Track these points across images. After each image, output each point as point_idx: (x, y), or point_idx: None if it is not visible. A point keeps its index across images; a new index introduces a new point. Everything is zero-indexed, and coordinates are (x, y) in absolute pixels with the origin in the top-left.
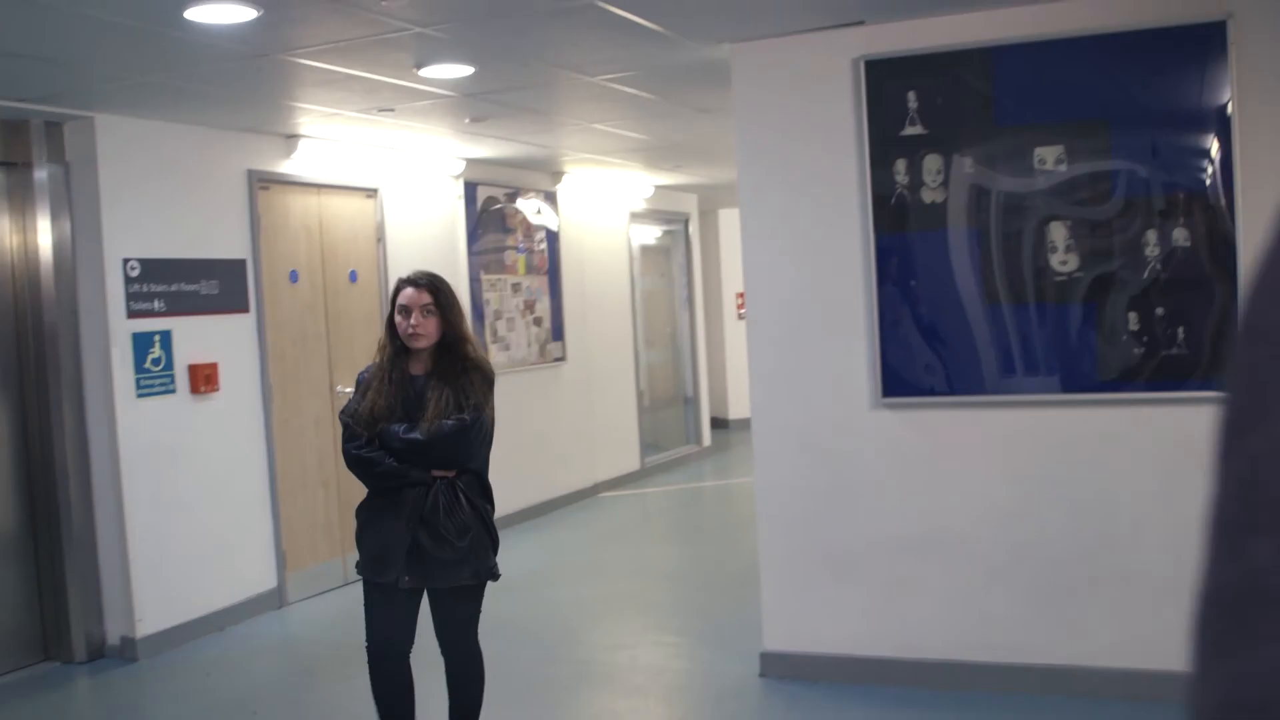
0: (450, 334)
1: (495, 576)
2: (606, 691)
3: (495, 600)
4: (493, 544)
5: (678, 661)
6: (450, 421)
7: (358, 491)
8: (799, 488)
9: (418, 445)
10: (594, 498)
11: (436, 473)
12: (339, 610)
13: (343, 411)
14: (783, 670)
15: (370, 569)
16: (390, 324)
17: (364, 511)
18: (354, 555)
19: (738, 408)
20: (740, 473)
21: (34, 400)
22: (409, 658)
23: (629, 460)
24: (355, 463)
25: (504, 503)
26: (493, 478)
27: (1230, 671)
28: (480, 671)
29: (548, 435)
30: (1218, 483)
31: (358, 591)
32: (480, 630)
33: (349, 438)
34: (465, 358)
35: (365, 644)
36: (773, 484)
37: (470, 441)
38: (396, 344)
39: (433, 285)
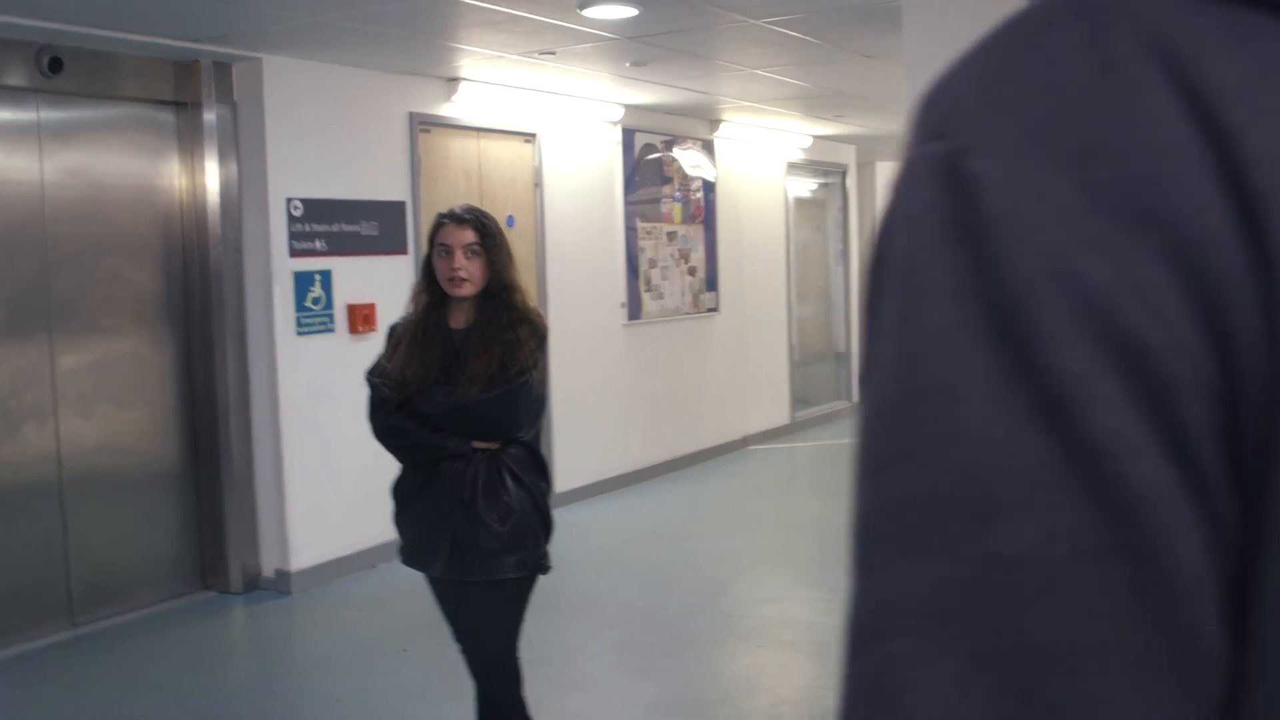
0: (497, 280)
1: (545, 569)
2: (755, 645)
3: (642, 550)
4: (545, 529)
5: (828, 618)
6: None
7: None
8: None
9: (454, 411)
10: (743, 450)
11: (478, 444)
12: None
13: (370, 371)
14: None
15: (411, 559)
16: (427, 268)
17: (399, 491)
18: None
19: None
20: None
21: (198, 337)
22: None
23: (779, 414)
24: (384, 432)
25: (652, 452)
26: (640, 427)
27: (850, 599)
28: (518, 684)
29: (698, 386)
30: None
31: None
32: (625, 580)
33: (378, 403)
34: (514, 309)
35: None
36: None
37: (517, 408)
38: (434, 291)
39: (479, 222)
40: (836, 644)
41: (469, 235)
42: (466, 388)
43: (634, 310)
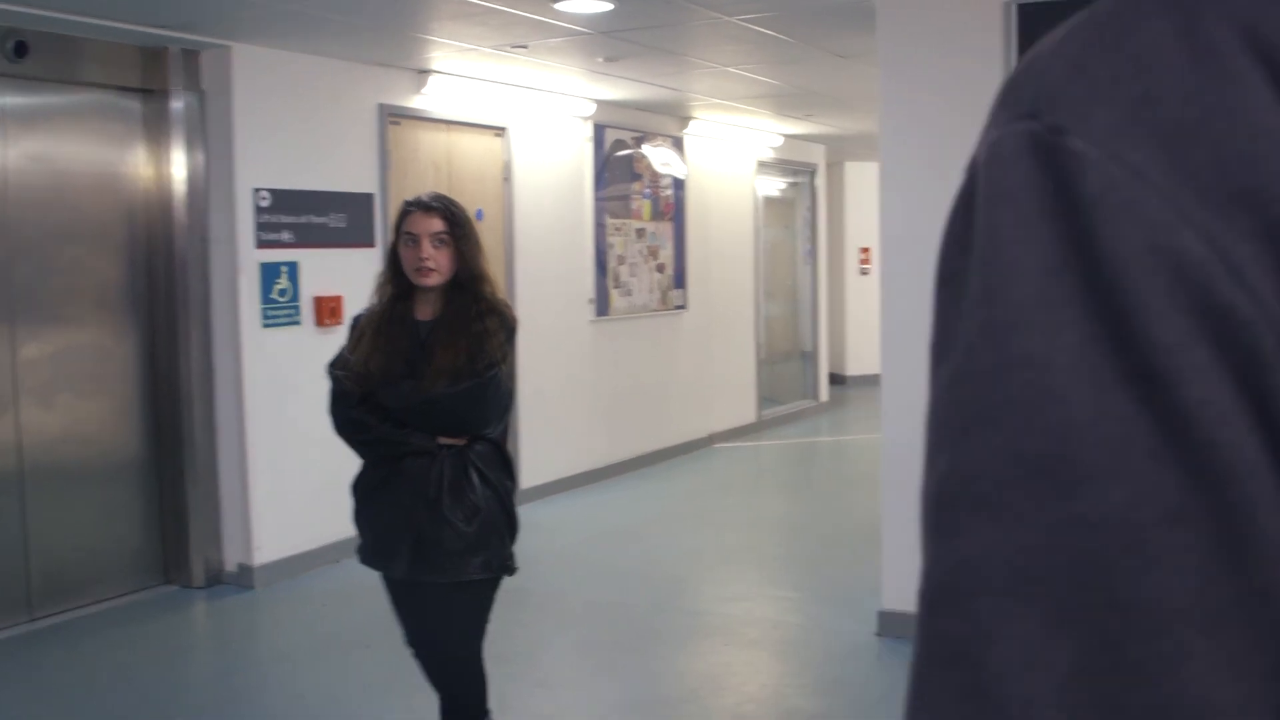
0: (466, 271)
1: (511, 570)
2: (721, 644)
3: (608, 547)
4: (510, 529)
5: (793, 617)
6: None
7: None
8: None
9: (420, 406)
10: (709, 448)
11: (444, 440)
12: None
13: (332, 363)
14: (901, 630)
15: (372, 559)
16: (393, 257)
17: (360, 488)
18: None
19: (857, 364)
20: (857, 429)
21: (162, 328)
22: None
23: (745, 412)
24: (346, 427)
25: (619, 449)
26: (606, 424)
27: (925, 563)
28: (482, 687)
29: (665, 383)
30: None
31: None
32: (591, 578)
33: (339, 396)
34: (482, 299)
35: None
36: (900, 441)
37: (485, 403)
38: (400, 282)
39: (447, 210)
40: (802, 642)
41: (437, 224)
42: (432, 381)
43: (602, 307)
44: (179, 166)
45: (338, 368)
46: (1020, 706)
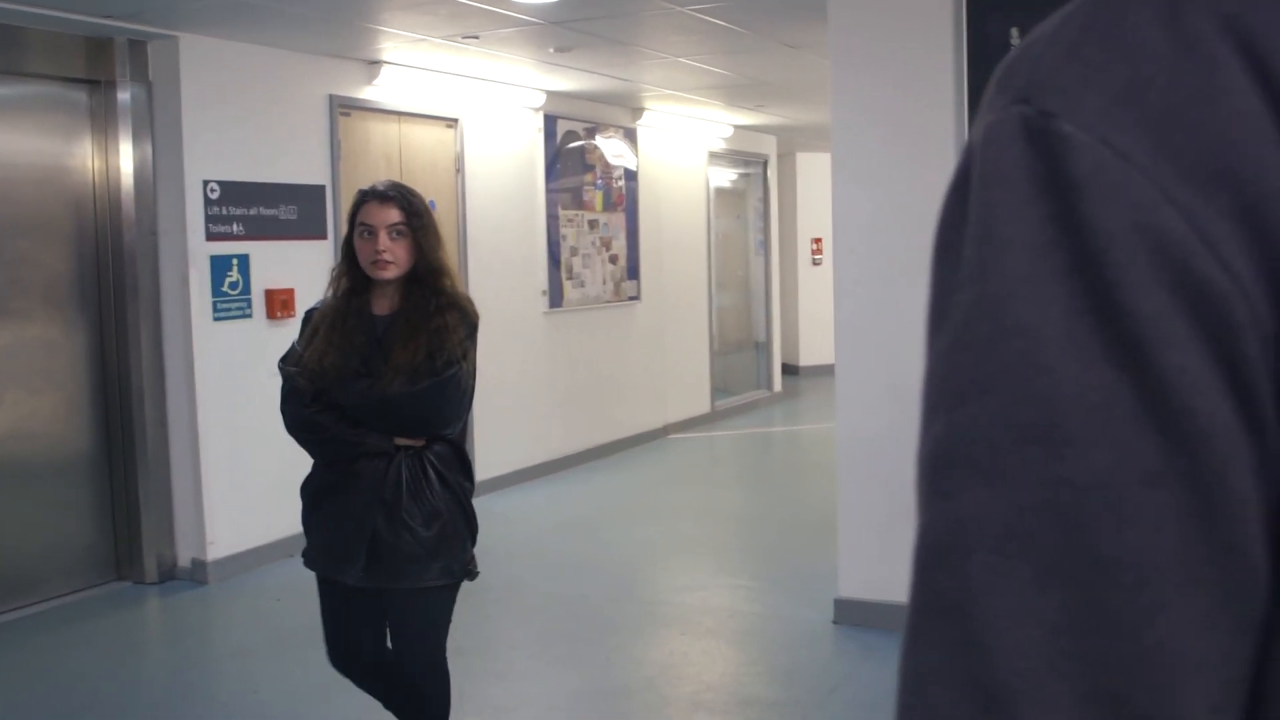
0: (424, 263)
1: (472, 575)
2: (677, 632)
3: (564, 539)
4: (470, 533)
5: (750, 605)
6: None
7: None
8: (882, 435)
9: (376, 405)
10: (663, 439)
11: (401, 441)
12: None
13: (283, 359)
14: (857, 617)
15: (322, 564)
16: (348, 249)
17: (310, 490)
18: None
19: (809, 354)
20: (811, 419)
21: (112, 321)
22: (384, 659)
23: (699, 403)
24: (298, 426)
25: (573, 441)
26: (561, 415)
27: (922, 522)
28: (445, 692)
29: (619, 374)
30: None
31: None
32: (547, 569)
33: (291, 393)
34: (442, 294)
35: (326, 655)
36: (855, 430)
37: (444, 402)
38: (355, 275)
39: (404, 199)
40: (758, 631)
41: (394, 214)
42: (390, 379)
43: (555, 298)
44: (127, 158)
45: (289, 363)
46: (1008, 656)
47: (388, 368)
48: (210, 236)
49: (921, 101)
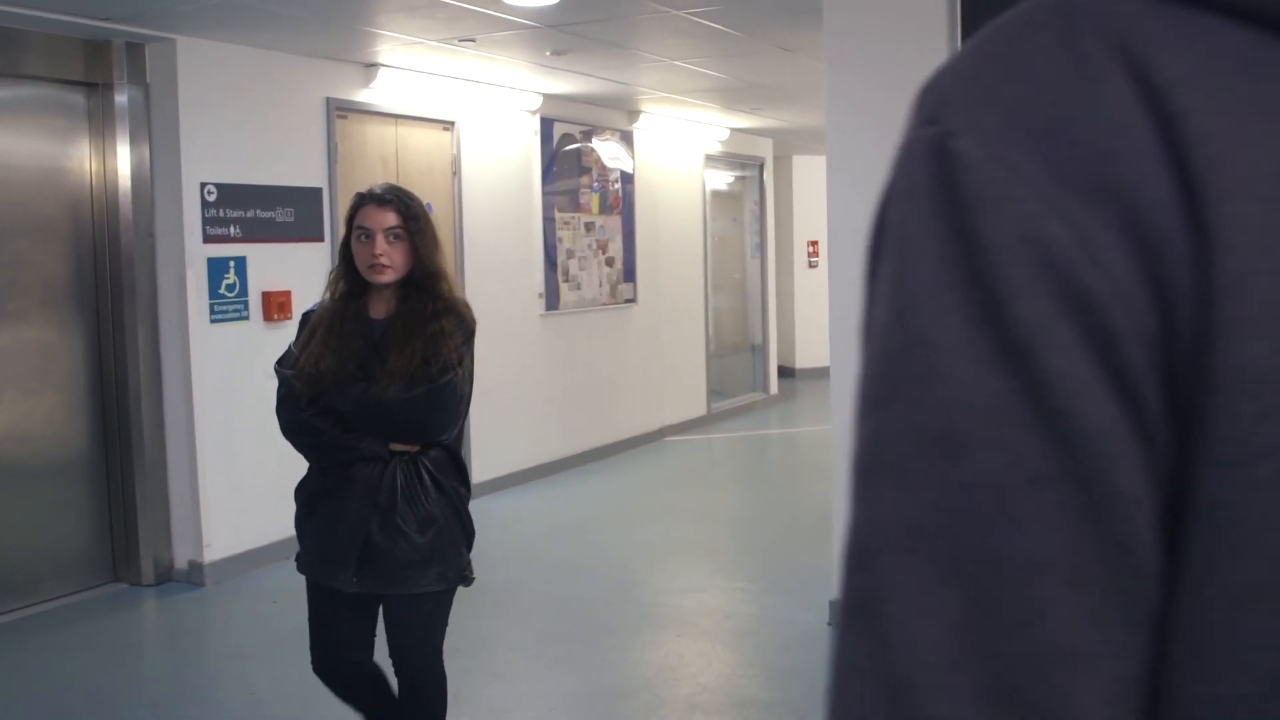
0: (421, 268)
1: (468, 580)
2: (674, 634)
3: (561, 541)
4: (466, 538)
5: (745, 607)
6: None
7: None
8: None
9: (373, 410)
10: (660, 441)
11: (396, 446)
12: None
13: (279, 362)
14: None
15: (314, 568)
16: (345, 252)
17: (304, 494)
18: None
19: (805, 357)
20: (807, 421)
21: (109, 323)
22: (370, 669)
23: (696, 405)
24: (293, 429)
25: (570, 443)
26: (558, 418)
27: (849, 524)
28: (442, 695)
29: (615, 377)
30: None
31: None
32: (544, 571)
33: (286, 397)
34: (439, 298)
35: (310, 661)
36: (850, 432)
37: (440, 409)
38: (353, 278)
39: (401, 203)
40: (755, 632)
41: (391, 218)
42: (385, 385)
43: (551, 301)
44: (124, 161)
45: (286, 366)
46: (912, 651)
47: (384, 373)
48: (207, 239)
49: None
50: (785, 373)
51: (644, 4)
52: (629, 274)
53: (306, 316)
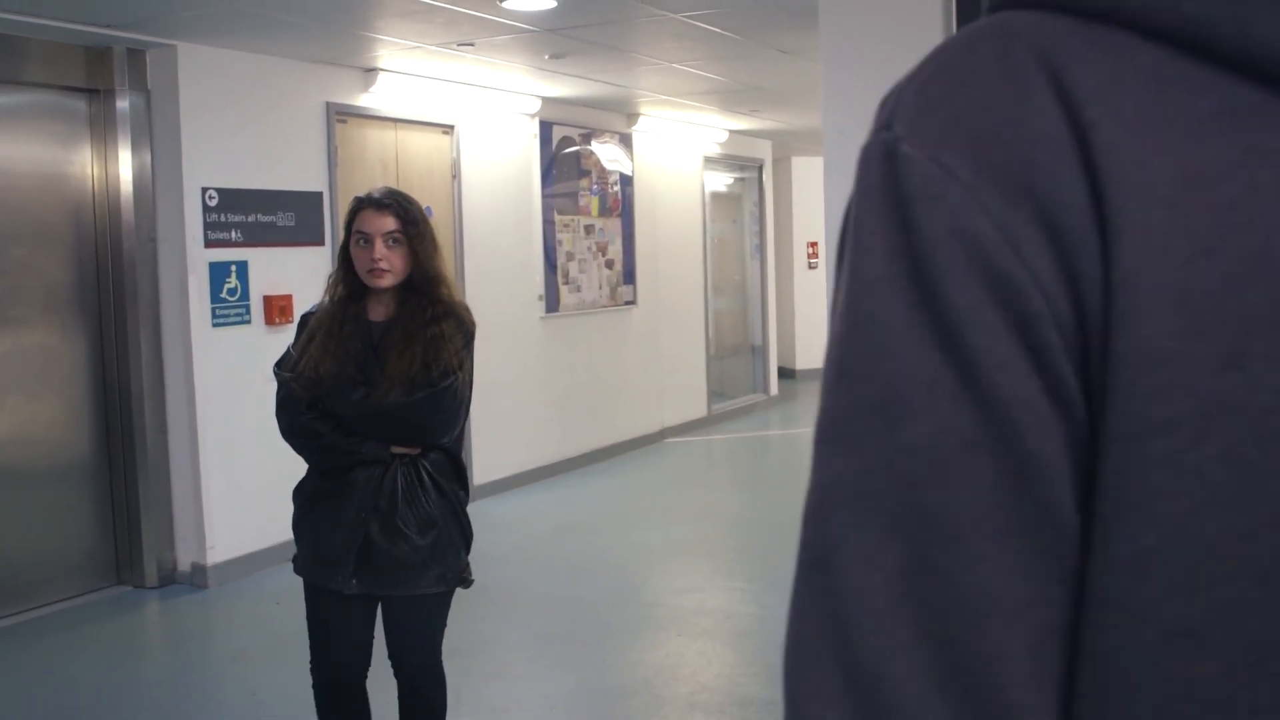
0: (420, 271)
1: (467, 583)
2: (673, 634)
3: (561, 542)
4: (465, 541)
5: (745, 607)
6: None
7: None
8: None
9: (374, 415)
10: (660, 443)
11: (397, 449)
12: None
13: (278, 364)
14: None
15: (312, 570)
16: (344, 255)
17: (303, 495)
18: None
19: (805, 358)
20: (808, 422)
21: (111, 328)
22: (365, 682)
23: (696, 407)
24: (294, 432)
25: (571, 445)
26: (558, 420)
27: (809, 485)
28: (442, 696)
29: (616, 379)
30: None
31: None
32: (544, 572)
33: (286, 400)
34: (439, 302)
35: (310, 665)
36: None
37: (440, 413)
38: (351, 282)
39: (400, 207)
40: (754, 632)
41: (390, 222)
42: (386, 389)
43: (551, 303)
44: (126, 166)
45: (284, 369)
46: (855, 596)
47: (384, 377)
48: (209, 243)
49: None
50: (785, 374)
51: (641, 8)
52: (629, 276)
53: (305, 319)
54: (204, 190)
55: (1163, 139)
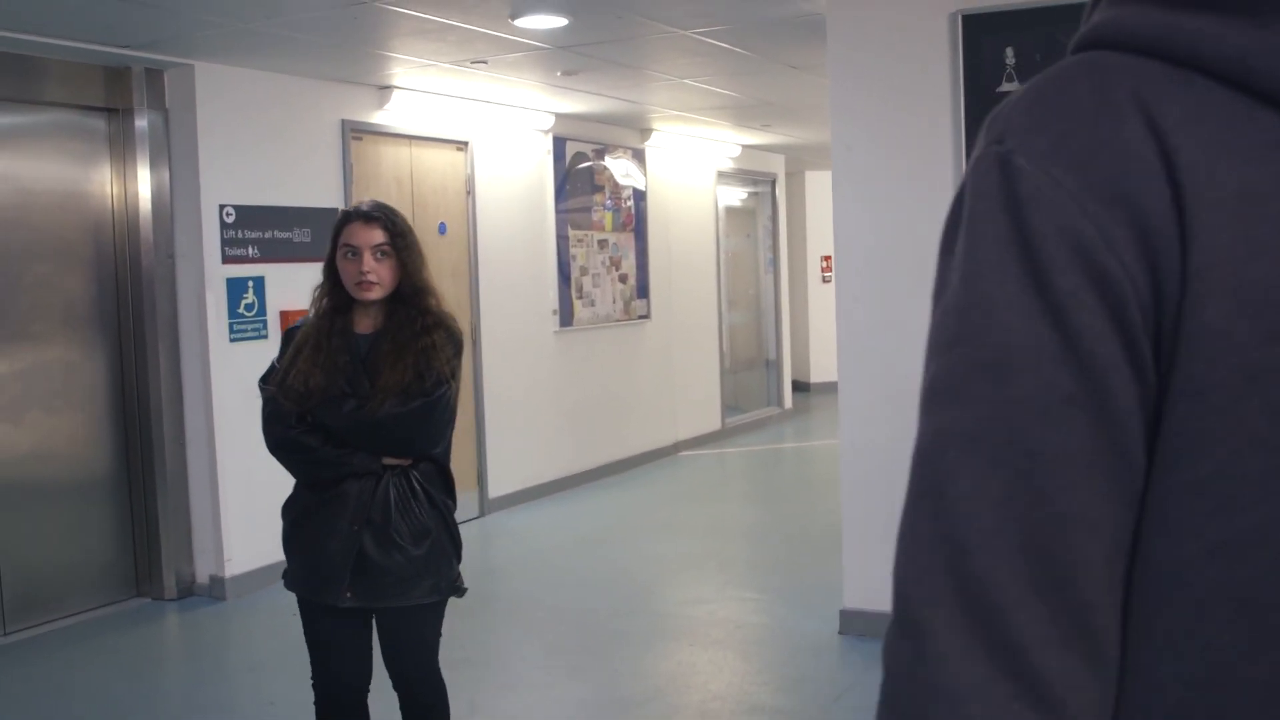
0: (409, 284)
1: (460, 591)
2: (685, 644)
3: (574, 554)
4: (456, 550)
5: (756, 617)
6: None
7: (457, 436)
8: (884, 447)
9: (367, 427)
10: (674, 456)
11: (389, 460)
12: None
13: (263, 379)
14: (862, 628)
15: (305, 585)
16: (330, 269)
17: (293, 511)
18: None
19: (820, 371)
20: (821, 435)
21: (131, 343)
22: (366, 698)
23: (710, 420)
24: (284, 446)
25: (584, 458)
26: (572, 433)
27: (916, 436)
28: (444, 707)
29: (630, 392)
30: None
31: None
32: (557, 583)
33: (274, 415)
34: (428, 313)
35: (311, 681)
36: (857, 444)
37: (434, 422)
38: (338, 294)
39: (388, 220)
40: (765, 642)
41: (378, 235)
42: (380, 401)
43: (565, 317)
44: (144, 184)
45: (270, 383)
46: (966, 519)
47: (377, 389)
48: (226, 259)
49: (919, 121)
50: (800, 387)
51: (652, 25)
52: (642, 290)
53: (291, 333)
54: (221, 207)
55: (1229, 162)
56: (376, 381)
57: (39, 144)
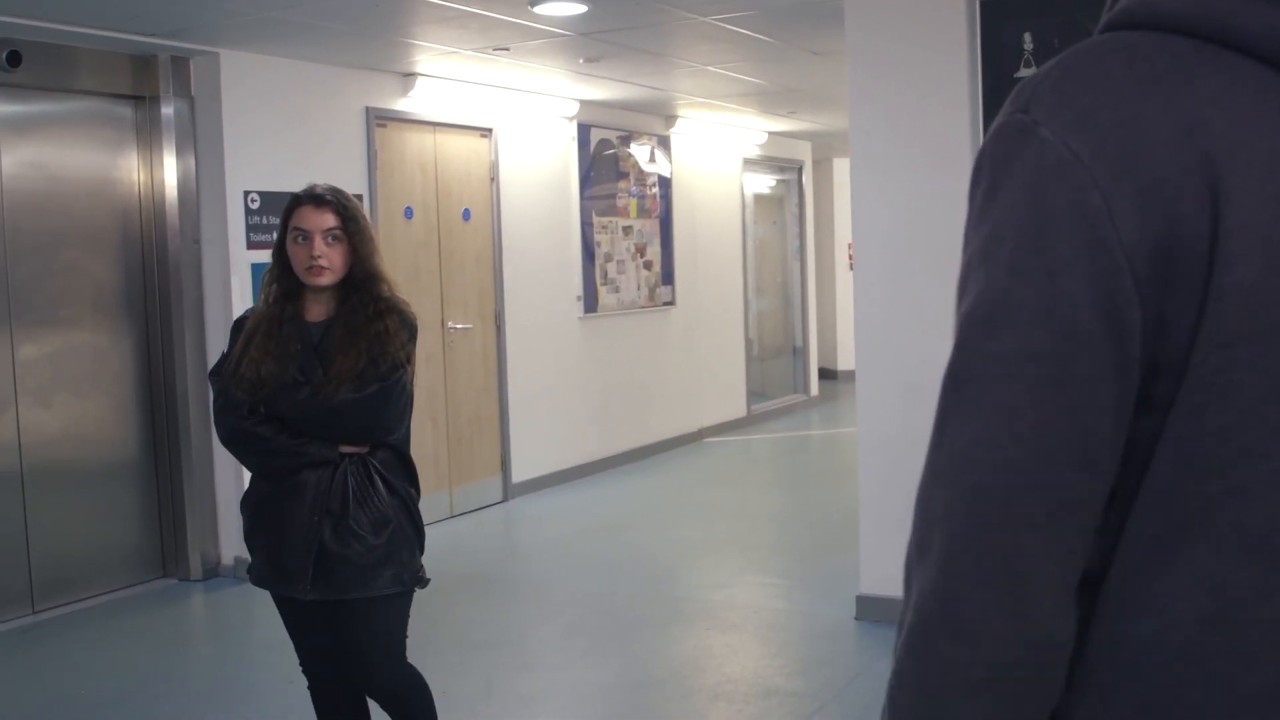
0: (361, 269)
1: (423, 582)
2: (702, 627)
3: (595, 539)
4: (419, 539)
5: (775, 601)
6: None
7: (480, 421)
8: (901, 435)
9: (323, 414)
10: (699, 443)
11: (346, 448)
12: (446, 544)
13: (213, 371)
14: (878, 614)
15: (268, 580)
16: (279, 254)
17: (251, 504)
18: (467, 487)
19: (847, 359)
20: (847, 423)
21: (158, 327)
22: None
23: (735, 407)
24: (238, 438)
25: (608, 444)
26: (597, 419)
27: (951, 359)
28: (424, 694)
29: (654, 378)
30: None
31: (466, 527)
32: (579, 568)
33: (225, 406)
34: (380, 299)
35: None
36: (875, 431)
37: (390, 406)
38: (287, 280)
39: (340, 204)
40: (782, 626)
41: (329, 219)
42: (335, 388)
43: (590, 304)
44: (170, 171)
45: (221, 374)
46: (1004, 417)
47: (331, 376)
48: (251, 245)
49: (938, 106)
50: (827, 374)
51: (671, 11)
52: (667, 277)
53: (240, 323)
54: (246, 194)
55: (1260, 130)
56: (330, 369)
57: (67, 132)
